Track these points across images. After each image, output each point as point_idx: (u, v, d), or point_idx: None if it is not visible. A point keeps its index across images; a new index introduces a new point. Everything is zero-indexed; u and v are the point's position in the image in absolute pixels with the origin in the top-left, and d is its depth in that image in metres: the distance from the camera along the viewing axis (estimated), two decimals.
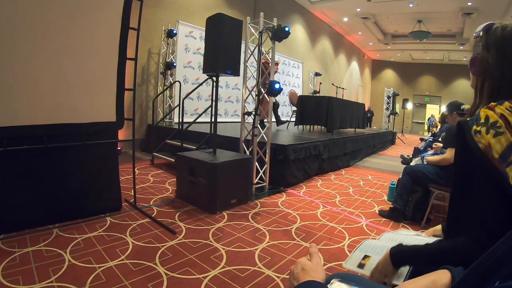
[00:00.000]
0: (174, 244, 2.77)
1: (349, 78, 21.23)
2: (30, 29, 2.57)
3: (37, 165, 2.86)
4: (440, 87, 24.02)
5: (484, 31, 1.05)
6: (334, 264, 2.58)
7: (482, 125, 0.88)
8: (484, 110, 0.91)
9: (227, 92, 9.99)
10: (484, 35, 1.05)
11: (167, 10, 8.38)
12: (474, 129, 0.90)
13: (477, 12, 12.47)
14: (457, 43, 17.12)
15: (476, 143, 0.88)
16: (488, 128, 0.87)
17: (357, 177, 6.12)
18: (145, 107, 8.14)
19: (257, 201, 4.16)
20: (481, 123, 0.89)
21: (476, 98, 1.08)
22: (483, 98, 1.04)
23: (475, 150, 0.89)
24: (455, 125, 3.05)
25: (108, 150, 3.38)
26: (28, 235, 2.69)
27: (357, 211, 3.99)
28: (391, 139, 12.96)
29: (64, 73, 2.84)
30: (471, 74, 1.13)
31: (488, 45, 1.03)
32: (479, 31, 1.07)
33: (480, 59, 1.05)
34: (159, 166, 5.95)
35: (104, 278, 2.14)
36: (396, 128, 16.65)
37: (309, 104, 7.87)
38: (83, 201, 3.15)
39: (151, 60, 8.24)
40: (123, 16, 3.16)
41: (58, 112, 2.85)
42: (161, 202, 3.89)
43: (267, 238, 3.02)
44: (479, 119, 0.90)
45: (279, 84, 4.42)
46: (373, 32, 18.12)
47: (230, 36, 3.91)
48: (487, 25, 1.05)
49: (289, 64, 13.43)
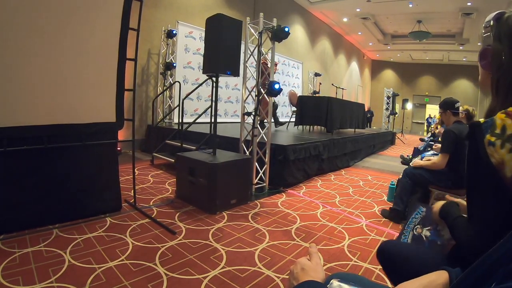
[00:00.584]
0: (174, 244, 2.77)
1: (348, 78, 21.24)
2: (29, 29, 2.58)
3: (37, 166, 2.86)
4: (440, 87, 24.01)
5: (494, 20, 0.95)
6: (334, 264, 2.59)
7: (497, 136, 0.77)
8: (502, 116, 0.78)
9: (227, 93, 10.00)
10: (495, 25, 0.94)
11: (166, 11, 8.39)
12: (487, 139, 0.79)
13: (477, 12, 12.48)
14: (457, 43, 17.13)
15: (489, 156, 0.78)
16: (504, 141, 0.75)
17: (357, 177, 6.12)
18: (145, 108, 8.14)
19: (257, 202, 4.17)
20: (496, 134, 0.77)
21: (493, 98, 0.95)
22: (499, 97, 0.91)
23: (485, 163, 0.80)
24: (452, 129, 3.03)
25: (108, 151, 3.38)
26: (28, 235, 2.69)
27: (357, 211, 3.99)
28: (390, 139, 12.96)
29: (64, 73, 2.84)
30: (481, 68, 1.02)
31: (501, 36, 0.92)
32: (489, 20, 0.96)
33: (492, 51, 0.94)
34: (159, 166, 5.95)
35: (104, 278, 2.14)
36: (396, 128, 16.66)
37: (308, 104, 7.87)
38: (83, 201, 3.15)
39: (151, 60, 8.25)
40: (123, 16, 3.16)
41: (58, 112, 2.86)
42: (161, 202, 3.89)
43: (267, 238, 3.02)
44: (495, 127, 0.78)
45: (279, 84, 4.42)
46: (373, 32, 18.14)
47: (229, 37, 3.91)
48: (497, 13, 0.95)
49: (289, 65, 13.43)
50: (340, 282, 0.92)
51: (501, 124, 0.77)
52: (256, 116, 4.55)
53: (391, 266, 1.36)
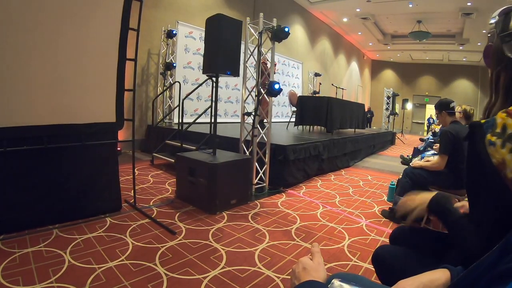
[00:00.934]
0: (174, 244, 2.77)
1: (348, 79, 21.24)
2: (29, 29, 2.58)
3: (37, 166, 2.86)
4: (440, 87, 24.00)
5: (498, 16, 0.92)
6: (334, 264, 2.59)
7: (498, 135, 0.74)
8: (502, 115, 0.75)
9: (227, 93, 10.01)
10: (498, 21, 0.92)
11: (166, 11, 8.39)
12: (488, 139, 0.76)
13: (477, 12, 12.47)
14: (457, 43, 17.12)
15: (489, 156, 0.75)
16: (504, 140, 0.72)
17: (357, 178, 6.12)
18: (145, 108, 8.14)
19: (257, 202, 4.17)
20: (497, 133, 0.74)
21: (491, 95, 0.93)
22: (499, 94, 0.89)
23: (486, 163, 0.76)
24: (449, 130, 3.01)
25: (108, 151, 3.38)
26: (28, 235, 2.69)
27: (357, 212, 3.99)
28: (390, 139, 12.97)
29: (64, 73, 2.84)
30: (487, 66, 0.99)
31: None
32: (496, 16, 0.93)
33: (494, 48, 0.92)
34: (159, 166, 5.95)
35: (104, 278, 2.14)
36: (396, 128, 16.66)
37: (308, 104, 7.87)
38: (83, 201, 3.15)
39: (151, 60, 8.25)
40: (123, 16, 3.16)
41: (58, 112, 2.86)
42: (161, 202, 3.89)
43: (267, 239, 3.02)
44: (495, 126, 0.75)
45: (279, 84, 4.41)
46: (373, 33, 18.14)
47: (229, 37, 3.91)
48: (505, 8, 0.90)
49: (289, 65, 13.45)
50: (341, 282, 0.92)
51: (502, 123, 0.74)
52: (256, 116, 4.55)
53: (386, 273, 1.36)
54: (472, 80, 22.13)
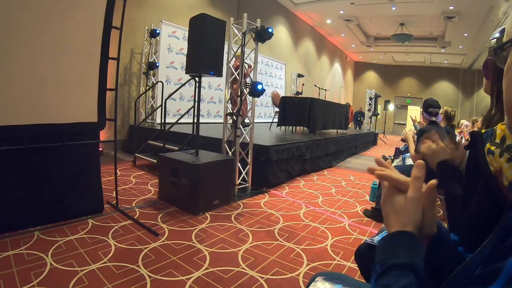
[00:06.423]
0: (157, 246, 2.75)
1: (331, 80, 21.40)
2: (8, 28, 2.52)
3: (18, 167, 2.81)
4: (422, 89, 24.40)
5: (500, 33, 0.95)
6: (317, 264, 2.62)
7: (497, 145, 0.78)
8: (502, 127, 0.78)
9: (210, 93, 9.98)
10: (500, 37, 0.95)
11: (150, 10, 8.31)
12: (487, 147, 0.80)
13: (459, 16, 12.72)
14: (439, 46, 17.45)
15: (488, 164, 0.79)
16: (502, 150, 0.75)
17: (339, 178, 6.19)
18: (127, 108, 8.05)
19: (240, 202, 4.17)
20: (496, 143, 0.78)
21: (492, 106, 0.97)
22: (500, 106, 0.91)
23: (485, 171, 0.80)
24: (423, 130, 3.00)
25: (89, 151, 3.34)
26: (9, 238, 2.64)
27: (339, 211, 4.04)
28: (373, 140, 13.15)
29: (45, 72, 2.80)
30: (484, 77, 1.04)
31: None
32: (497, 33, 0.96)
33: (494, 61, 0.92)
34: (141, 167, 5.89)
35: (86, 281, 2.12)
36: (378, 129, 16.89)
37: (291, 105, 7.91)
38: (64, 203, 3.10)
39: (134, 60, 8.16)
40: (106, 15, 3.13)
41: (38, 112, 2.81)
42: (143, 203, 3.86)
43: (250, 239, 3.04)
44: (495, 136, 0.79)
45: (262, 85, 4.43)
46: (356, 35, 18.32)
47: (213, 37, 3.91)
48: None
49: (272, 65, 13.49)
50: (324, 280, 0.94)
51: (501, 135, 0.78)
52: (239, 116, 4.55)
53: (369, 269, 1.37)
54: (453, 82, 22.59)
